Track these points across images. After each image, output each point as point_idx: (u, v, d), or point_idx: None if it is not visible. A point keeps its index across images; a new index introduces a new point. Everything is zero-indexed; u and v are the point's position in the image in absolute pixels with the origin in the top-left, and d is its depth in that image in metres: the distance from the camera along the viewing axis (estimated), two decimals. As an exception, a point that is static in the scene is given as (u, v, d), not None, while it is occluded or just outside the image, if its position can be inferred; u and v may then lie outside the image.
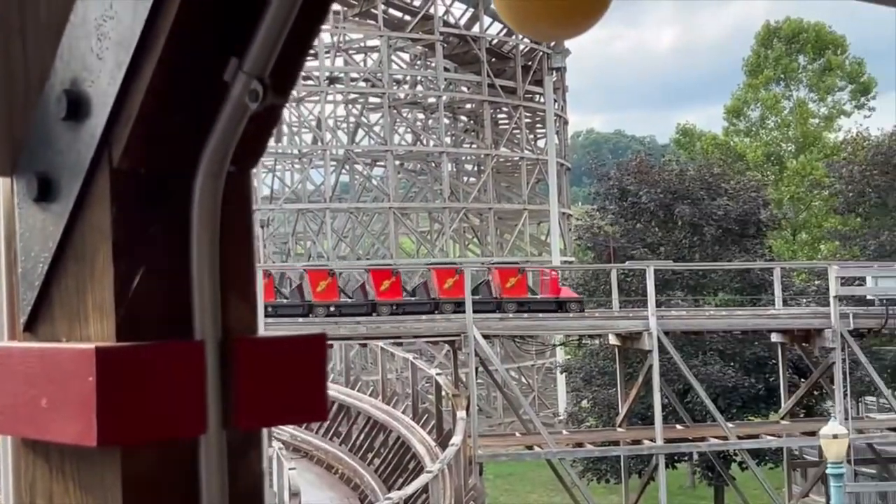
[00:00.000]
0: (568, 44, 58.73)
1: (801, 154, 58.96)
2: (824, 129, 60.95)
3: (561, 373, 48.23)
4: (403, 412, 29.48)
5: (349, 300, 29.11)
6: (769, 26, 61.38)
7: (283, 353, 1.43)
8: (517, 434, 31.84)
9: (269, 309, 27.03)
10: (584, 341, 35.59)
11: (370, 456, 29.25)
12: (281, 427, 31.39)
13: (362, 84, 56.58)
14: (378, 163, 58.42)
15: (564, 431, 34.14)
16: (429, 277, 29.43)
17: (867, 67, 61.51)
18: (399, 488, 22.94)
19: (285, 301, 29.03)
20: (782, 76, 60.91)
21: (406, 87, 58.90)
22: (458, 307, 27.81)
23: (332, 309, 28.43)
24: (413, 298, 28.95)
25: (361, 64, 58.87)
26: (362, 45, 58.44)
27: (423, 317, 27.87)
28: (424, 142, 58.72)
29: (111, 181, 1.37)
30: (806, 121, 60.11)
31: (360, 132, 59.44)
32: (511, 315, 28.36)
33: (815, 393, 35.10)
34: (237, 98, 1.33)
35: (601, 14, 1.88)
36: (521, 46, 56.28)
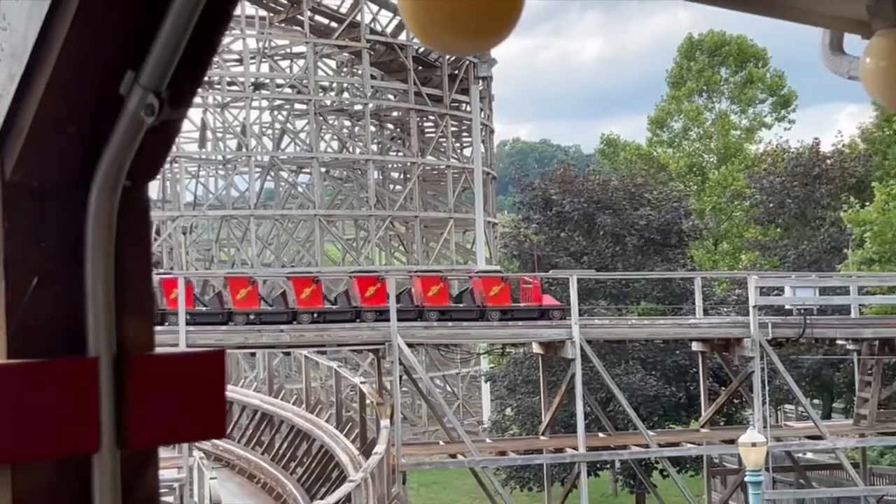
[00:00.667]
0: (495, 53, 59.05)
1: (723, 165, 59.81)
2: (746, 141, 61.91)
3: (485, 381, 48.38)
4: (327, 421, 29.33)
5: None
6: (692, 39, 62.23)
7: (179, 370, 1.41)
8: (441, 442, 31.83)
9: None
10: (507, 350, 35.71)
11: (293, 465, 29.05)
12: (202, 436, 31.00)
13: (288, 90, 56.29)
14: (304, 170, 58.10)
15: (488, 440, 34.22)
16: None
17: (787, 80, 62.64)
18: (322, 497, 22.81)
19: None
20: (705, 88, 61.77)
21: (332, 94, 58.72)
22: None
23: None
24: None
25: (287, 70, 58.56)
26: (288, 51, 58.15)
27: (348, 325, 27.75)
28: (350, 149, 58.57)
29: (3, 194, 1.34)
30: (728, 132, 61.01)
31: (286, 139, 59.15)
32: (435, 323, 28.35)
33: (735, 401, 35.60)
34: (133, 112, 1.31)
35: (508, 30, 1.88)
36: (449, 56, 56.38)
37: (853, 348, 32.00)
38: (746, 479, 22.26)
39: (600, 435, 31.10)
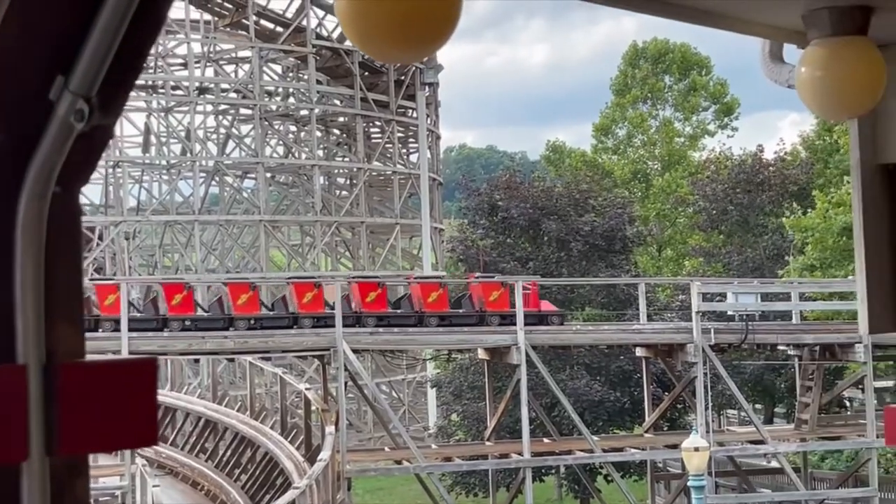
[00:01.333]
0: (441, 59, 59.11)
1: (667, 172, 60.31)
2: (689, 148, 62.47)
3: (431, 387, 48.39)
4: (272, 427, 29.17)
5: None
6: (636, 46, 62.73)
7: (110, 377, 1.40)
8: (386, 448, 31.79)
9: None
10: (453, 356, 35.75)
11: (237, 472, 28.86)
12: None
13: (233, 95, 55.94)
14: (249, 175, 57.77)
15: (433, 445, 34.23)
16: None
17: (730, 88, 63.34)
18: (266, 504, 22.72)
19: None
20: (649, 95, 62.28)
21: (278, 99, 58.46)
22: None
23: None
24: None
25: (232, 75, 58.22)
26: (233, 55, 57.80)
27: (292, 331, 27.62)
28: (296, 154, 58.33)
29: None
30: (671, 139, 61.56)
31: (231, 144, 58.72)
32: (381, 329, 28.31)
33: (678, 406, 35.90)
34: (62, 117, 1.30)
35: (445, 38, 1.89)
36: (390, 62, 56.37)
37: (794, 354, 32.39)
38: (689, 483, 22.43)
39: (545, 440, 31.21)
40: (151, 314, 27.72)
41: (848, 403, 43.78)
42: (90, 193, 60.31)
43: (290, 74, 58.67)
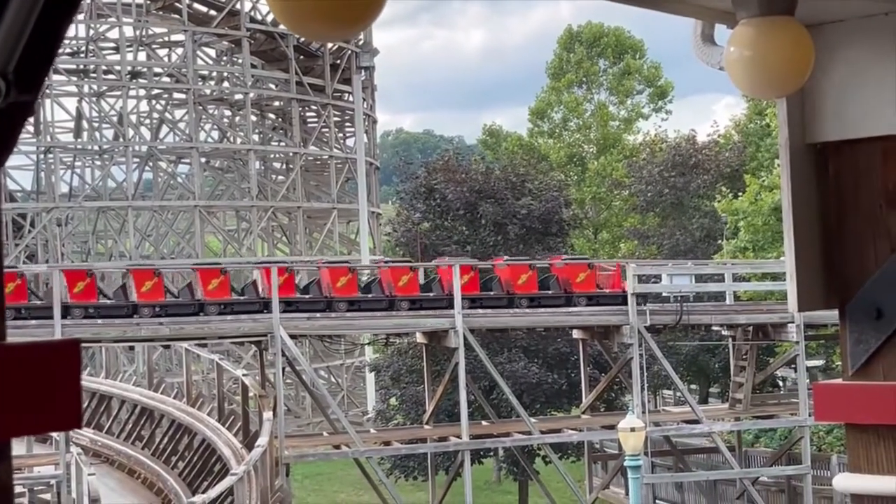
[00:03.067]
0: (377, 43, 58.95)
1: (602, 155, 60.67)
2: (624, 132, 62.86)
3: (370, 371, 48.32)
4: (209, 414, 29.01)
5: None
6: (571, 30, 62.95)
7: (32, 360, 1.37)
8: (325, 434, 31.74)
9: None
10: (391, 340, 35.73)
11: (174, 459, 28.67)
12: (78, 431, 30.42)
13: (166, 79, 55.29)
14: (183, 160, 57.22)
15: (372, 430, 34.22)
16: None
17: (664, 72, 63.80)
18: (204, 492, 22.57)
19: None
20: (584, 79, 62.53)
21: (212, 83, 57.91)
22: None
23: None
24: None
25: (165, 59, 57.53)
26: (166, 39, 57.12)
27: (229, 317, 27.40)
28: (231, 139, 57.82)
29: None
30: (606, 123, 61.90)
31: (165, 128, 58.09)
32: (318, 314, 28.21)
33: (615, 387, 36.22)
34: (-22, 94, 1.27)
35: (373, 16, 1.87)
36: (330, 45, 56.08)
37: (728, 334, 32.81)
38: (626, 463, 22.62)
39: (483, 423, 31.34)
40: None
41: (781, 382, 44.46)
42: (21, 180, 59.48)
43: (224, 58, 58.14)
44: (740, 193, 42.40)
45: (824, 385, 3.31)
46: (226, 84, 57.28)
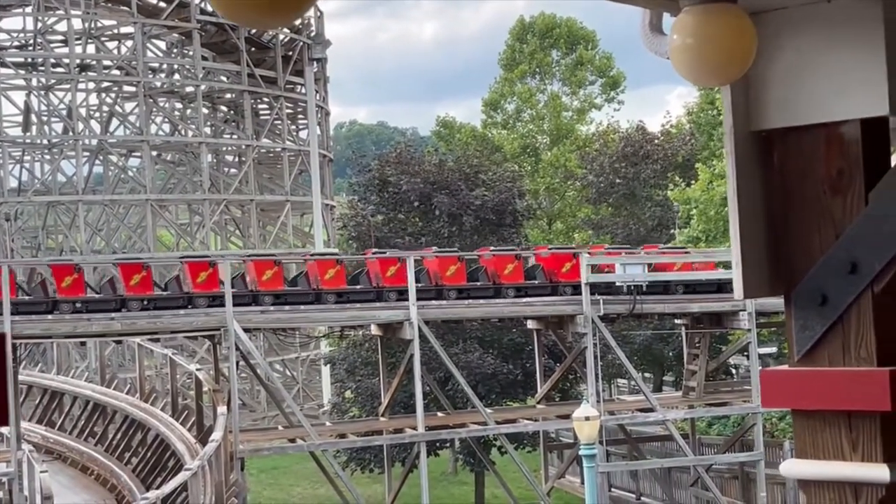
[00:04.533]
0: (330, 35, 58.74)
1: (556, 146, 60.87)
2: (577, 122, 63.11)
3: (325, 364, 48.24)
4: (163, 409, 28.86)
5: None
6: (523, 21, 63.06)
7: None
8: (280, 427, 31.64)
9: None
10: (346, 332, 35.65)
11: (128, 455, 28.51)
12: (31, 428, 30.13)
13: (116, 72, 54.78)
14: (134, 153, 56.69)
15: (328, 423, 34.17)
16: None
17: (616, 62, 64.08)
18: (157, 487, 22.44)
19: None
20: (537, 70, 62.68)
21: (162, 75, 57.44)
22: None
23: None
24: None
25: (115, 52, 56.97)
26: (115, 32, 56.54)
27: (181, 311, 27.19)
28: (183, 132, 57.40)
29: None
30: (559, 114, 62.09)
31: (115, 122, 57.54)
32: (272, 308, 28.07)
33: (570, 377, 36.40)
34: None
35: (309, 4, 1.85)
36: (282, 36, 55.83)
37: (681, 322, 33.05)
38: (581, 452, 22.72)
39: (439, 414, 31.37)
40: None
41: (734, 370, 44.89)
42: (-32, 175, 58.64)
43: (175, 50, 57.67)
44: (693, 182, 42.70)
45: (770, 371, 3.32)
46: (176, 76, 56.85)
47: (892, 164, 3.12)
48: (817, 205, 3.15)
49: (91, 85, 55.00)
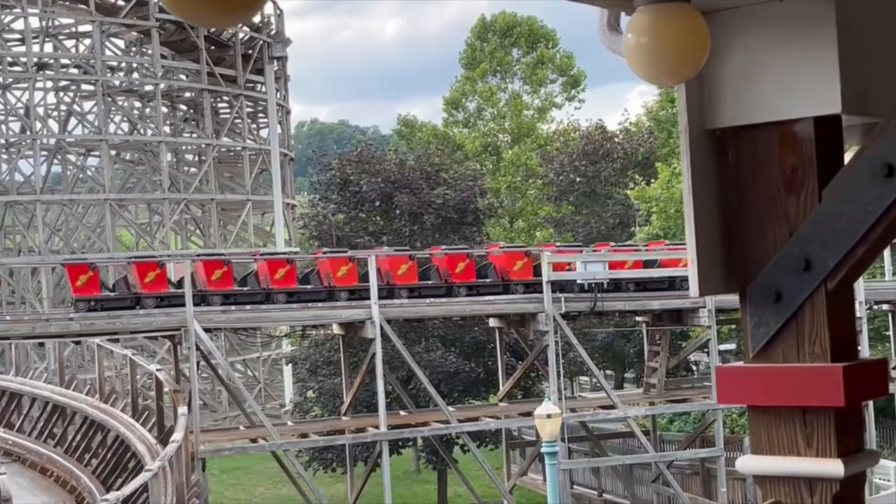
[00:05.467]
0: (291, 33, 58.57)
1: (517, 144, 61.00)
2: (538, 121, 63.28)
3: (286, 364, 48.08)
4: (123, 410, 28.59)
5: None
6: (484, 20, 63.14)
7: None
8: (241, 427, 31.48)
9: None
10: (308, 331, 35.55)
11: (87, 457, 28.21)
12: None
13: (74, 71, 54.30)
14: (92, 153, 56.24)
15: (289, 423, 34.03)
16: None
17: (577, 61, 64.30)
18: (118, 488, 22.25)
19: None
20: (498, 69, 62.79)
21: (121, 74, 56.99)
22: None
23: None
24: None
25: (73, 50, 56.47)
26: (73, 30, 56.05)
27: (141, 311, 27.02)
28: (142, 131, 56.99)
29: None
30: (520, 112, 62.23)
31: (73, 121, 57.03)
32: (233, 307, 27.93)
33: (532, 375, 36.46)
34: None
35: (258, 4, 1.84)
36: (241, 35, 55.57)
37: (642, 320, 33.21)
38: (542, 450, 22.79)
39: (402, 413, 31.33)
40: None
41: (694, 367, 45.19)
42: (-76, 174, 57.94)
43: (134, 49, 57.23)
44: (652, 180, 42.94)
45: (726, 368, 3.35)
46: (135, 75, 56.41)
47: (845, 163, 3.15)
48: (771, 202, 3.18)
49: (49, 84, 54.52)
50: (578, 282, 29.76)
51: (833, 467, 3.10)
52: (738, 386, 3.28)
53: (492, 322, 32.31)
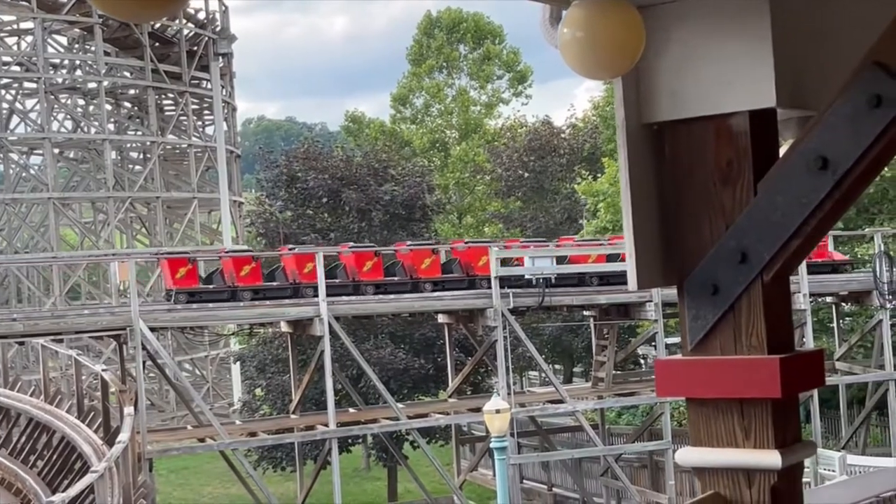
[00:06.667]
0: (237, 29, 58.21)
1: (465, 140, 61.04)
2: (485, 117, 63.36)
3: (235, 362, 47.81)
4: (68, 411, 28.29)
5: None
6: (430, 16, 63.12)
7: None
8: (189, 427, 31.26)
9: None
10: (256, 329, 35.35)
11: (33, 458, 27.88)
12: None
13: (16, 68, 53.58)
14: (35, 151, 55.56)
15: (238, 422, 33.83)
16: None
17: (523, 57, 64.46)
18: (64, 490, 22.02)
19: None
20: (445, 65, 62.80)
21: (64, 71, 56.33)
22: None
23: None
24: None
25: (14, 47, 55.72)
26: (15, 27, 55.32)
27: (86, 311, 26.75)
28: (86, 129, 56.38)
29: None
30: (468, 108, 62.28)
31: (15, 119, 56.29)
32: (179, 306, 27.73)
33: (481, 370, 36.52)
34: None
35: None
36: (186, 31, 55.12)
37: (590, 314, 33.36)
38: (492, 445, 22.83)
39: (351, 410, 31.26)
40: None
41: (642, 360, 45.48)
42: None
43: (77, 46, 56.58)
44: (599, 175, 43.15)
45: (665, 361, 3.36)
46: (78, 72, 55.78)
47: (780, 155, 3.17)
48: (708, 196, 3.19)
49: (-11, 81, 53.77)
50: (526, 277, 29.83)
51: (771, 458, 3.12)
52: (676, 379, 3.30)
53: (441, 318, 32.29)
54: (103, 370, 27.63)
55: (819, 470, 25.42)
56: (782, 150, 3.20)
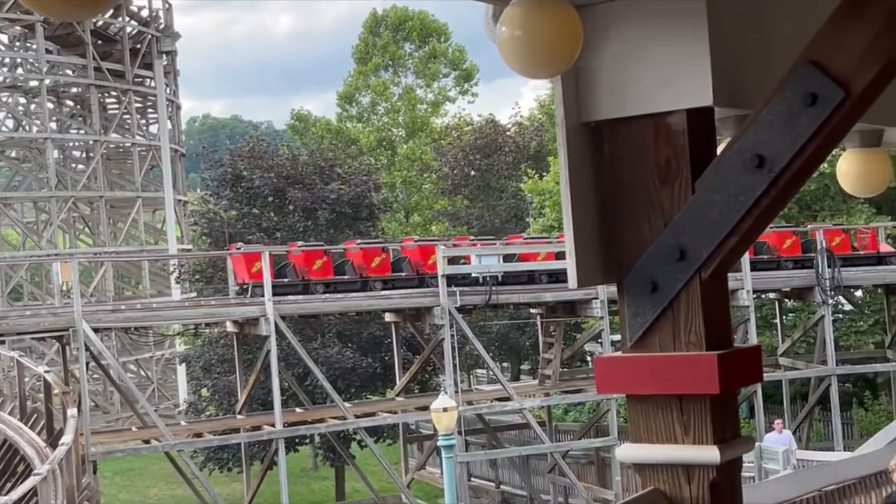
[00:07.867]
0: (182, 27, 57.76)
1: (411, 139, 61.01)
2: (432, 115, 63.34)
3: (180, 363, 47.44)
4: (10, 413, 27.93)
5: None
6: (376, 14, 63.01)
7: None
8: (134, 428, 31.00)
9: None
10: (201, 329, 35.09)
11: (-26, 462, 27.51)
12: None
13: (-45, 66, 52.82)
14: (-25, 150, 54.79)
15: (183, 422, 33.60)
16: None
17: (468, 55, 64.53)
18: (6, 493, 21.76)
19: None
20: (390, 63, 62.71)
21: (4, 69, 55.57)
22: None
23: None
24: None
25: (-47, 44, 54.91)
26: (-46, 24, 54.50)
27: (28, 312, 26.43)
28: (27, 128, 55.65)
29: None
30: (414, 107, 62.25)
31: (-45, 118, 55.50)
32: (123, 306, 27.49)
33: (428, 368, 36.54)
34: None
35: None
36: (129, 29, 54.59)
37: (536, 312, 33.48)
38: (439, 443, 22.86)
39: (298, 410, 31.14)
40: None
41: (589, 358, 45.72)
42: None
43: (18, 44, 55.82)
44: (545, 174, 43.33)
45: (605, 359, 3.38)
46: (20, 70, 55.06)
47: (718, 154, 3.20)
48: (646, 194, 3.22)
49: (-72, 79, 52.92)
50: (473, 275, 29.88)
51: (709, 454, 3.15)
52: (616, 376, 3.32)
53: (388, 317, 32.27)
54: (46, 372, 27.29)
55: (763, 465, 25.68)
56: (720, 149, 3.23)
